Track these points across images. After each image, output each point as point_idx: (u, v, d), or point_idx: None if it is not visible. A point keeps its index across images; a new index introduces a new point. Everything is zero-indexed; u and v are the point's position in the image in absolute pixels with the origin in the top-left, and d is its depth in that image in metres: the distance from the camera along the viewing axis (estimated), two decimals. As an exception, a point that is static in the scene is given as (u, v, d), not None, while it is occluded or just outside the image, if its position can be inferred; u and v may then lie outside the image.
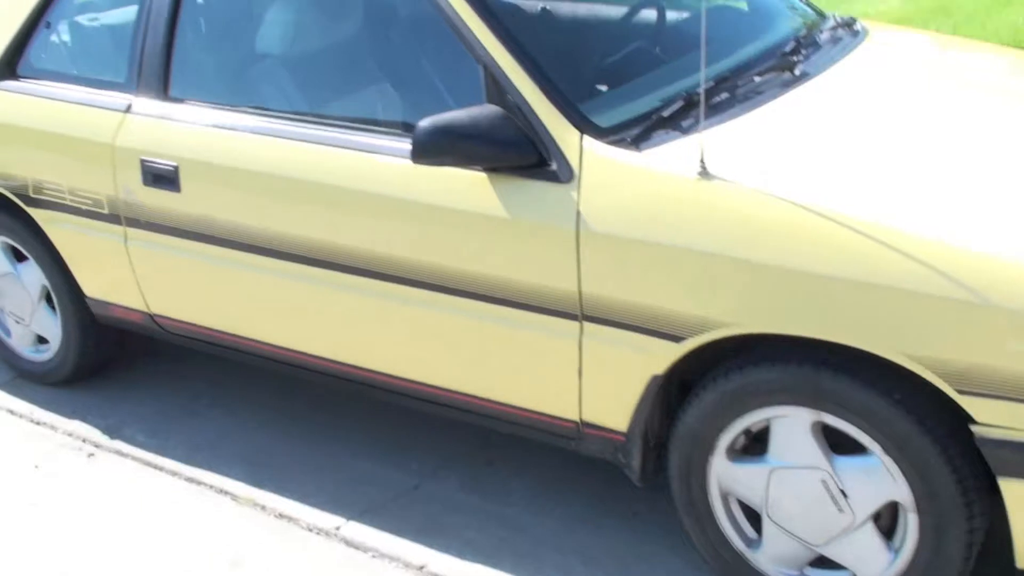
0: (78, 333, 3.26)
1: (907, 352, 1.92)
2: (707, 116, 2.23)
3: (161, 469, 2.98)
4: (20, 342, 3.44)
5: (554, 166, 2.22)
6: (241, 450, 3.02)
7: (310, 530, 2.68)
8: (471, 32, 2.32)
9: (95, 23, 3.14)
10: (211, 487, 2.88)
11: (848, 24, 2.96)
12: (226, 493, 2.85)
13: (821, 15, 3.06)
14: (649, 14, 2.98)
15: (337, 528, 2.67)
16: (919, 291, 1.89)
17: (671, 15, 2.93)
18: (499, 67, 2.28)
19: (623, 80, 2.51)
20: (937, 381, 1.91)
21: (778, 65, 2.55)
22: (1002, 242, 1.92)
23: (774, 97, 2.42)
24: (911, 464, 2.00)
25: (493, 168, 2.27)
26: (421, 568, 2.52)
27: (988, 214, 2.03)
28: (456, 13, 2.33)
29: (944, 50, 3.22)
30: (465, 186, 2.30)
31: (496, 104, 2.27)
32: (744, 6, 3.09)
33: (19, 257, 3.31)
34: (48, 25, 3.08)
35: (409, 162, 2.33)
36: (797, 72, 2.54)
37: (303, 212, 2.56)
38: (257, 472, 2.91)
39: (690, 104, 2.30)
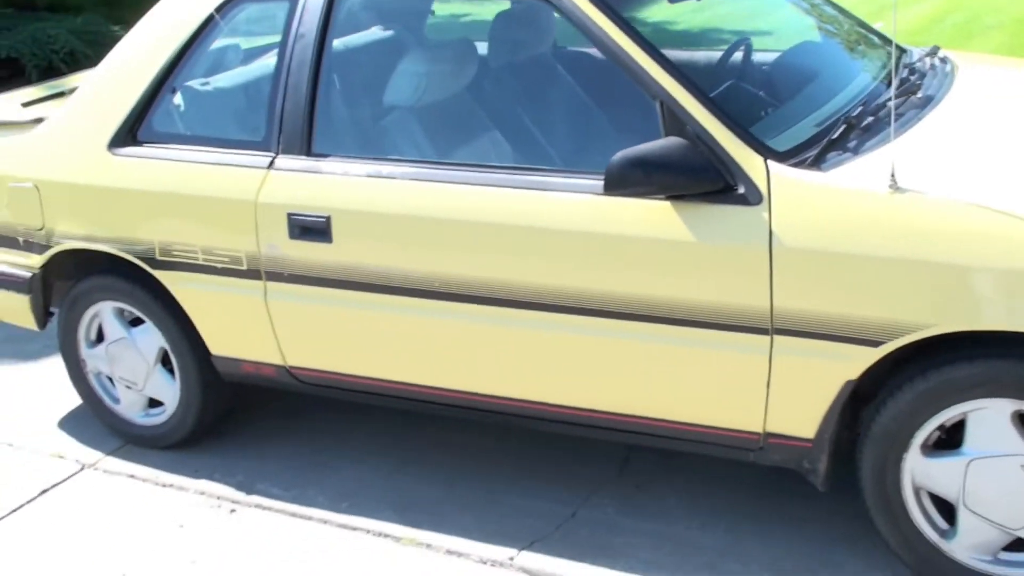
0: (199, 393, 3.29)
1: (1108, 336, 2.09)
2: (865, 139, 2.41)
3: (309, 519, 3.01)
4: (130, 408, 3.45)
5: (741, 190, 2.37)
6: (384, 495, 3.07)
7: (484, 562, 2.74)
8: (646, 71, 2.46)
9: (218, 86, 3.22)
10: (367, 531, 2.92)
11: (934, 52, 3.19)
12: (385, 536, 2.89)
13: (902, 49, 3.29)
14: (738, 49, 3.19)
15: (511, 559, 2.74)
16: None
17: (802, 51, 3.12)
18: (677, 102, 2.43)
19: (775, 108, 2.69)
20: None
21: (906, 91, 2.75)
22: None
23: (918, 118, 2.61)
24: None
25: (679, 196, 2.41)
26: (610, 588, 2.60)
27: None
28: (629, 55, 2.48)
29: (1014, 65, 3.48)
30: (651, 215, 2.43)
31: (678, 136, 2.41)
32: (840, 40, 3.30)
33: (132, 322, 3.34)
34: (173, 90, 3.14)
35: (589, 197, 2.47)
36: (921, 95, 2.74)
37: (472, 253, 2.65)
38: (408, 514, 2.96)
39: (850, 127, 2.48)
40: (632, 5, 2.74)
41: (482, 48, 3.30)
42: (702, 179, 2.37)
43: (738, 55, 3.21)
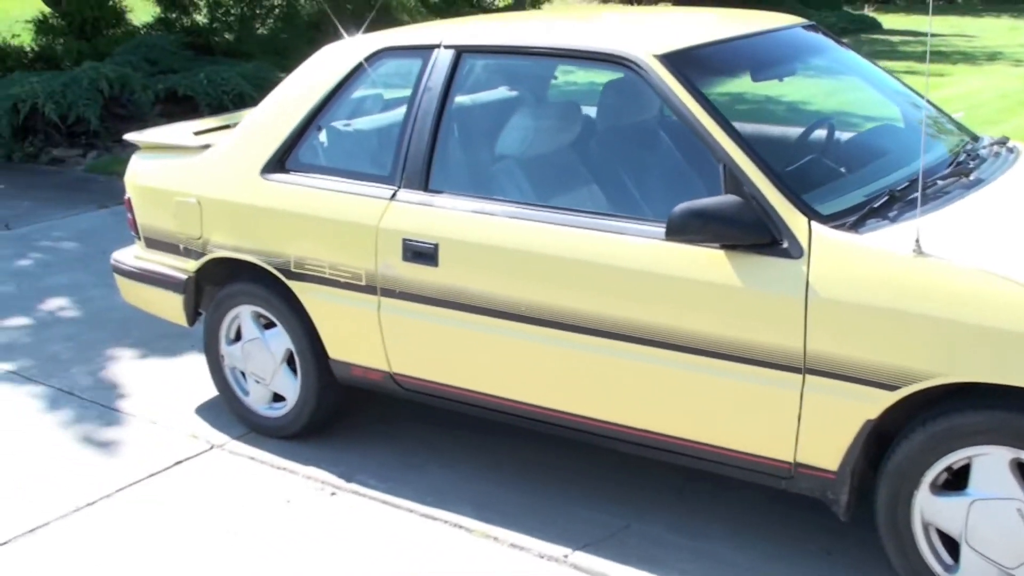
0: (316, 392, 3.76)
1: (1096, 397, 2.36)
2: (903, 210, 2.74)
3: (398, 507, 3.43)
4: (257, 400, 3.95)
5: (785, 244, 2.72)
6: (466, 495, 3.47)
7: (541, 557, 3.11)
8: (714, 139, 2.85)
9: (357, 128, 3.74)
10: (446, 522, 3.32)
11: (1003, 142, 3.48)
12: (460, 527, 3.29)
13: (975, 136, 3.58)
14: (820, 128, 3.54)
15: (565, 556, 3.10)
16: (1107, 346, 2.34)
17: (858, 129, 3.46)
18: (738, 166, 2.81)
19: (833, 178, 3.03)
20: (1122, 422, 2.35)
21: (957, 172, 3.06)
22: None
23: (960, 197, 2.93)
24: (1098, 494, 2.41)
25: (732, 246, 2.77)
26: (646, 589, 2.93)
27: None
28: (702, 125, 2.88)
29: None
30: (706, 262, 2.80)
31: (735, 194, 2.79)
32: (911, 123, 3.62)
33: (266, 325, 3.85)
34: (319, 128, 3.68)
35: (654, 241, 2.86)
36: (973, 177, 3.05)
37: (552, 283, 3.06)
38: (484, 513, 3.35)
39: (893, 199, 2.81)
40: (720, 82, 3.15)
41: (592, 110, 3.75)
42: (751, 232, 2.74)
43: (815, 131, 3.56)
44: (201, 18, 12.99)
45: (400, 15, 15.04)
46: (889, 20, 20.74)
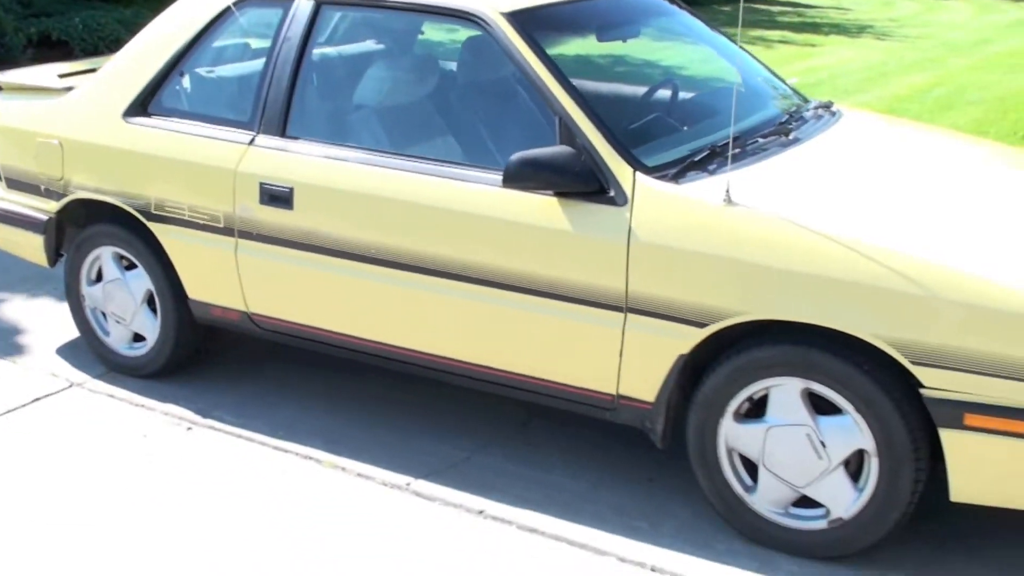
0: (175, 332, 3.87)
1: (875, 333, 2.64)
2: (723, 164, 2.98)
3: (251, 440, 3.58)
4: (118, 340, 4.04)
5: (612, 193, 2.94)
6: (318, 429, 3.64)
7: (385, 485, 3.30)
8: (552, 94, 3.05)
9: (219, 75, 3.83)
10: (297, 454, 3.49)
11: (827, 106, 3.76)
12: (311, 459, 3.46)
13: (805, 99, 3.86)
14: (665, 88, 3.77)
15: (407, 484, 3.30)
16: (885, 287, 2.62)
17: (698, 90, 3.70)
18: (572, 119, 3.02)
19: (664, 134, 3.26)
20: (897, 355, 2.63)
21: (777, 131, 3.32)
22: (946, 252, 2.67)
23: (776, 153, 3.19)
24: (875, 419, 2.70)
25: (563, 193, 2.98)
26: (480, 512, 3.15)
27: (935, 231, 2.80)
28: (542, 80, 3.08)
29: (897, 125, 4.05)
30: (540, 208, 3.01)
31: (568, 145, 2.99)
32: (748, 85, 3.87)
33: (126, 267, 3.94)
34: (182, 74, 3.76)
35: (493, 188, 3.05)
36: (792, 136, 3.31)
37: (400, 226, 3.23)
38: (334, 445, 3.53)
39: (714, 153, 3.05)
40: (566, 41, 3.35)
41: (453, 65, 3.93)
42: (581, 181, 2.95)
43: (655, 90, 3.79)
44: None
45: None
46: (772, -9, 21.31)
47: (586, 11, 3.58)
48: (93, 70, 4.25)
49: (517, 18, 3.21)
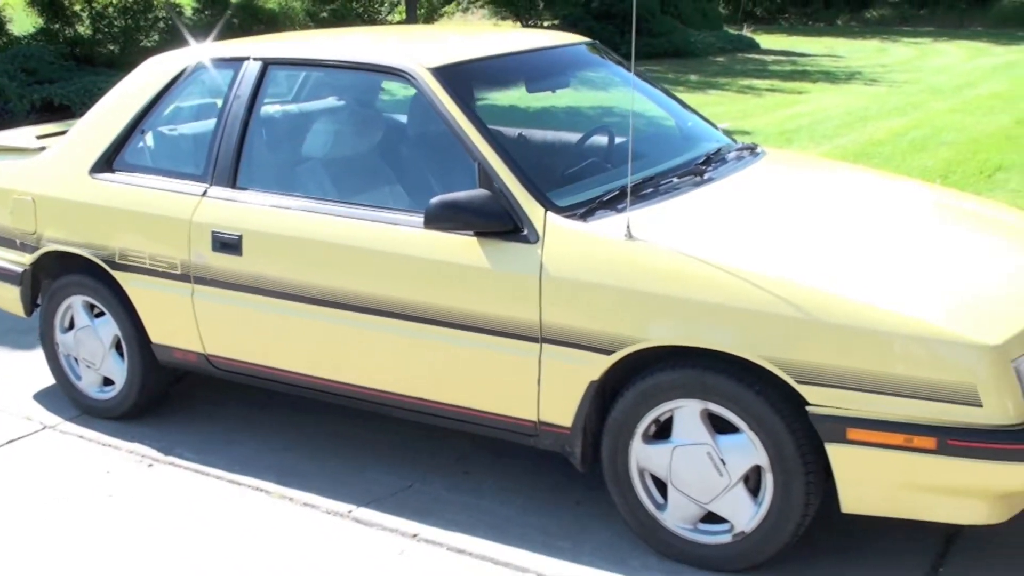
0: (141, 375, 4.10)
1: (763, 355, 2.84)
2: (633, 202, 3.20)
3: (207, 475, 3.79)
4: (89, 384, 4.27)
5: (525, 232, 3.16)
6: (272, 463, 3.84)
7: (328, 513, 3.50)
8: (472, 142, 3.29)
9: (176, 132, 4.10)
10: (249, 487, 3.69)
11: (751, 148, 3.99)
12: (261, 491, 3.66)
13: (733, 142, 4.09)
14: (599, 134, 4.00)
15: (349, 511, 3.49)
16: (770, 312, 2.82)
17: (620, 135, 3.93)
18: (490, 164, 3.25)
19: (577, 177, 3.49)
20: (783, 375, 2.83)
21: (691, 171, 3.55)
22: (826, 279, 2.87)
23: (686, 191, 3.41)
24: (768, 436, 2.89)
25: (482, 233, 3.21)
26: (415, 536, 3.34)
27: (820, 261, 3.00)
28: (463, 130, 3.32)
29: (816, 164, 4.26)
30: (461, 247, 3.23)
31: (486, 189, 3.22)
32: (675, 129, 4.10)
33: (96, 314, 4.18)
34: (143, 132, 4.04)
35: (419, 230, 3.28)
36: (705, 176, 3.53)
37: (337, 268, 3.46)
38: (285, 478, 3.73)
39: (623, 193, 3.27)
40: (494, 92, 3.59)
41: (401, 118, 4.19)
42: (496, 221, 3.18)
43: (580, 136, 4.03)
44: (84, 29, 13.15)
45: (288, 29, 15.34)
46: (768, 40, 21.70)
47: (513, 65, 3.83)
48: (67, 131, 4.53)
49: (443, 73, 3.46)
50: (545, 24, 20.84)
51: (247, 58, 3.87)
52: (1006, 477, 2.71)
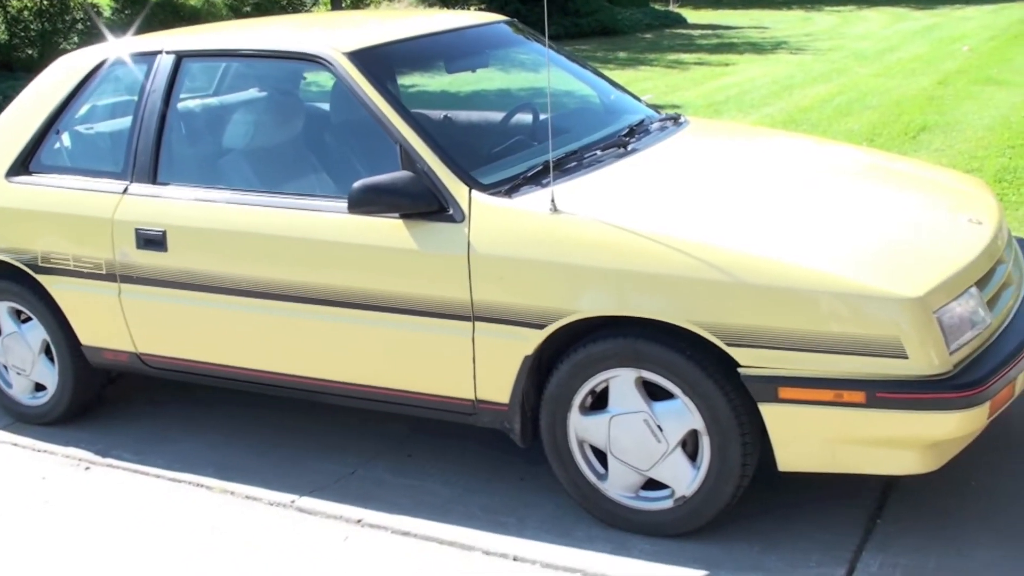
0: (73, 378, 4.03)
1: (692, 320, 2.86)
2: (558, 176, 3.21)
3: (146, 474, 3.74)
4: (20, 391, 4.19)
5: (451, 211, 3.15)
6: (211, 459, 3.80)
7: (271, 504, 3.48)
8: (393, 125, 3.27)
9: (93, 130, 4.03)
10: (189, 483, 3.65)
11: (675, 118, 4.01)
12: (202, 486, 3.63)
13: (657, 111, 4.11)
14: (524, 112, 3.99)
15: (292, 501, 3.47)
16: (696, 277, 2.84)
17: (539, 113, 3.93)
18: (412, 146, 3.23)
19: (502, 155, 3.49)
20: (713, 339, 2.85)
21: (615, 143, 3.56)
22: (750, 241, 2.90)
23: (610, 163, 3.42)
24: (702, 401, 2.91)
25: (406, 215, 3.19)
26: (359, 521, 3.33)
27: (743, 224, 3.03)
28: (382, 113, 3.30)
29: (739, 131, 4.30)
30: (387, 230, 3.22)
31: (409, 171, 3.21)
32: (598, 103, 4.11)
33: (23, 320, 4.10)
34: (58, 132, 3.96)
35: (344, 216, 3.26)
36: (628, 148, 3.55)
37: (265, 259, 3.43)
38: (226, 472, 3.70)
39: (546, 168, 3.27)
40: (413, 74, 3.57)
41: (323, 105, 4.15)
42: (419, 202, 3.16)
43: (504, 114, 4.02)
44: (0, 35, 12.86)
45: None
46: (695, 15, 21.86)
47: (430, 46, 3.81)
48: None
49: (359, 57, 3.43)
50: (472, 8, 20.78)
51: (160, 52, 3.81)
52: (934, 426, 2.77)
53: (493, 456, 3.64)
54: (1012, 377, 2.86)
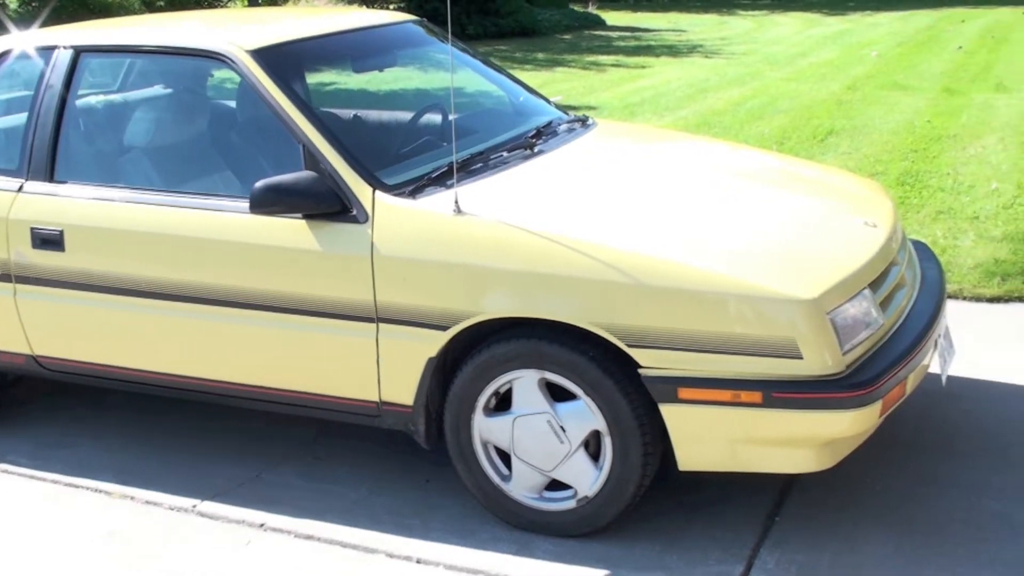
0: (-35, 382, 3.92)
1: (592, 321, 2.88)
2: (462, 177, 3.21)
3: (43, 480, 3.65)
4: (-90, 396, 4.06)
5: (354, 212, 3.13)
6: (110, 464, 3.72)
7: (172, 509, 3.42)
8: (296, 124, 3.24)
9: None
10: (88, 488, 3.57)
11: (582, 120, 4.04)
12: (101, 492, 3.55)
13: (566, 113, 4.13)
14: (433, 112, 3.98)
15: (193, 506, 3.42)
16: (596, 279, 2.86)
17: (448, 114, 3.92)
18: (315, 146, 3.20)
19: (408, 156, 3.47)
20: (613, 340, 2.88)
21: (521, 144, 3.57)
22: (649, 243, 2.93)
23: (515, 165, 3.43)
24: (603, 401, 2.93)
25: (310, 215, 3.16)
26: (262, 526, 3.29)
27: (643, 226, 3.06)
28: (285, 112, 3.26)
29: (645, 133, 4.35)
30: (289, 231, 3.18)
31: (312, 171, 3.18)
32: (506, 104, 4.12)
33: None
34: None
35: (246, 216, 3.21)
36: (535, 149, 3.56)
37: (165, 259, 3.37)
38: (126, 477, 3.62)
39: (451, 170, 3.27)
40: (319, 73, 3.53)
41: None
42: (322, 203, 3.14)
43: (409, 114, 4.01)
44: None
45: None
46: (614, 17, 22.00)
47: (337, 45, 3.78)
48: None
49: (262, 55, 3.39)
50: (392, 8, 20.68)
51: (58, 46, 3.71)
52: (828, 425, 2.82)
53: (400, 457, 3.63)
54: (903, 377, 2.93)
